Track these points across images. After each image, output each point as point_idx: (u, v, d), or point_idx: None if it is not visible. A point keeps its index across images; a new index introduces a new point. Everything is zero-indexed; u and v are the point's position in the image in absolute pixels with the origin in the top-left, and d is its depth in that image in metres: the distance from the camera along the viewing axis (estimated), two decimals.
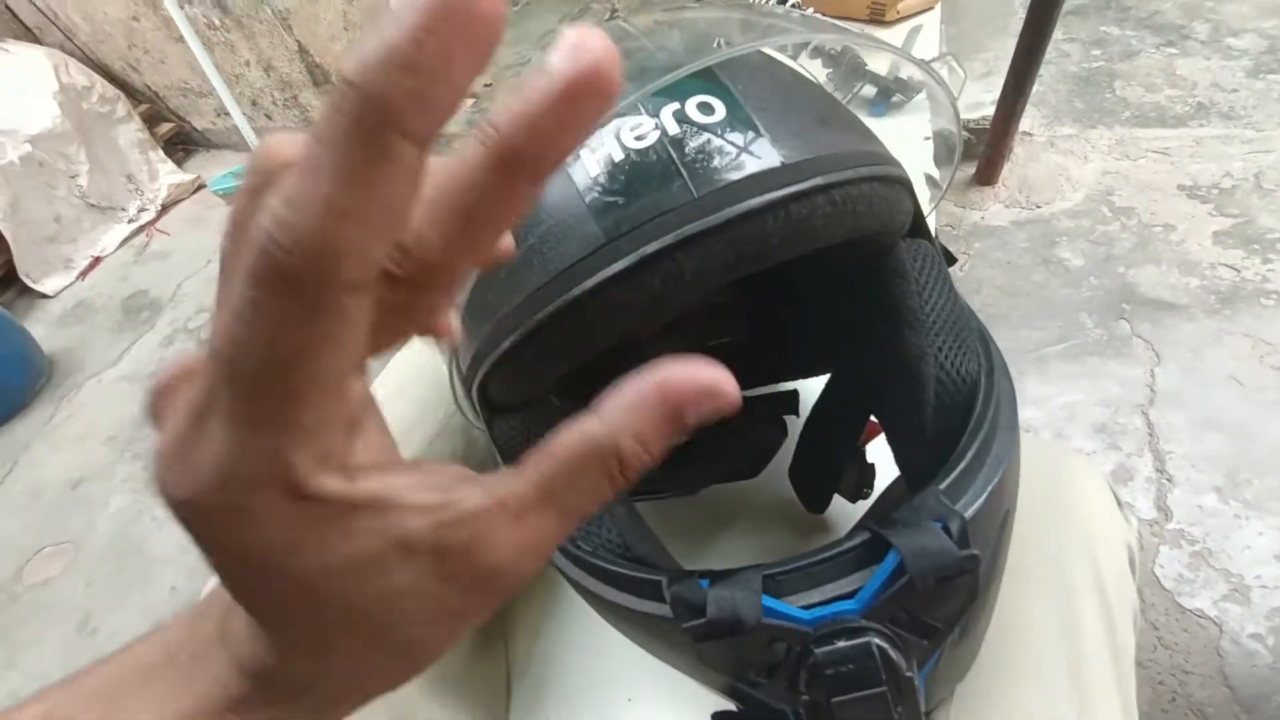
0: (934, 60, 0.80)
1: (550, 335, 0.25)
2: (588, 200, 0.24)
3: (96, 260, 1.94)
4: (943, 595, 0.21)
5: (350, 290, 0.09)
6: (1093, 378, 1.03)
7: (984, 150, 1.34)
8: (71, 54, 2.02)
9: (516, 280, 0.25)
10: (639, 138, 0.24)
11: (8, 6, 2.02)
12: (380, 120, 0.09)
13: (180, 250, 1.91)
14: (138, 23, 1.91)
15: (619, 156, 0.24)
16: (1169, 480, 0.90)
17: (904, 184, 0.28)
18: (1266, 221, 1.17)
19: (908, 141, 0.73)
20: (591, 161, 0.25)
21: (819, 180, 0.24)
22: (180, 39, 1.72)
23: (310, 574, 0.11)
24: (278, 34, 1.78)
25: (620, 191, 0.24)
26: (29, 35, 2.08)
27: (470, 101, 2.02)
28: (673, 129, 0.24)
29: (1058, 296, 1.15)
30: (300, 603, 0.12)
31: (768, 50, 0.33)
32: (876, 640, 0.21)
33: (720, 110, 0.25)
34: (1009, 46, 1.23)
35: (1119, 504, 0.37)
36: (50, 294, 1.83)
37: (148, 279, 1.84)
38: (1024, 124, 1.33)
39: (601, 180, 0.24)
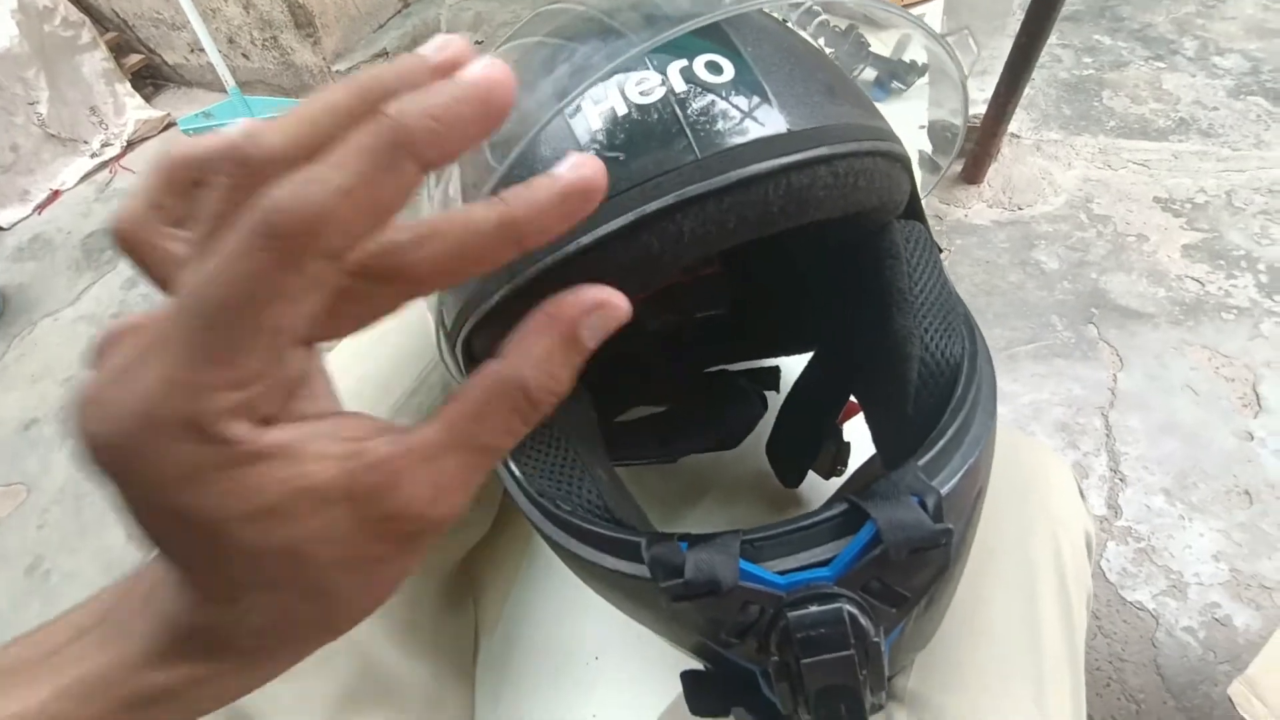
0: (949, 35, 0.80)
1: (541, 292, 0.24)
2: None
3: (55, 194, 1.84)
4: (915, 566, 0.22)
5: (324, 257, 0.11)
6: (1059, 378, 1.06)
7: (972, 148, 1.36)
8: None
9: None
10: (644, 93, 0.24)
11: None
12: (401, 146, 0.11)
13: None
14: None
15: (622, 111, 0.24)
16: (1121, 480, 0.94)
17: (904, 163, 0.28)
18: (1234, 238, 1.21)
19: (905, 127, 0.73)
20: (594, 114, 0.24)
21: (823, 150, 0.23)
22: None
23: (215, 518, 0.11)
24: None
25: (622, 147, 0.23)
26: None
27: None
28: (679, 86, 0.24)
29: (1031, 297, 1.18)
30: (208, 548, 0.12)
31: (779, 16, 0.33)
32: (848, 606, 0.21)
33: (729, 71, 0.24)
34: (1005, 47, 1.24)
35: (1081, 494, 0.38)
36: (4, 226, 1.74)
37: (109, 217, 1.76)
38: (1013, 125, 1.34)
39: (603, 134, 0.24)
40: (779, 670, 0.22)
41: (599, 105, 0.24)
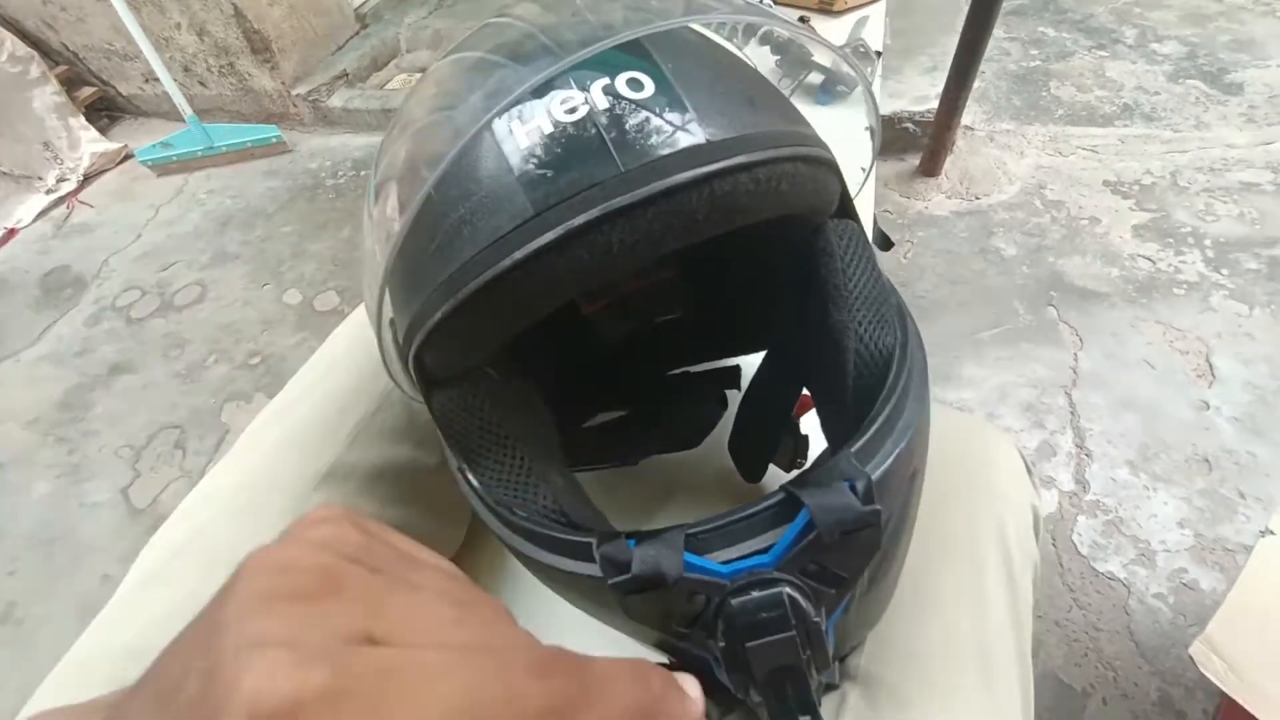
0: (849, 47, 0.82)
1: (481, 306, 0.25)
2: (517, 173, 0.24)
3: (11, 232, 1.80)
4: (849, 548, 0.23)
5: None
6: (1023, 361, 1.09)
7: (928, 142, 1.39)
8: None
9: (448, 252, 0.25)
10: (569, 110, 0.24)
11: None
12: None
13: (105, 224, 1.80)
14: None
15: (548, 129, 0.25)
16: (1087, 455, 0.97)
17: (829, 165, 0.29)
18: (1180, 217, 1.26)
19: (850, 130, 0.75)
20: (522, 133, 0.25)
21: (742, 159, 0.24)
22: None
23: None
24: None
25: (549, 165, 0.24)
26: None
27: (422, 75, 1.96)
28: (601, 103, 0.25)
29: (993, 284, 1.21)
30: None
31: (705, 31, 0.34)
32: (787, 590, 0.22)
33: (649, 87, 0.25)
34: (955, 42, 1.28)
35: (1028, 470, 0.40)
36: None
37: (70, 253, 1.72)
38: (966, 118, 1.38)
39: (532, 153, 0.25)
40: (727, 656, 0.23)
41: (527, 124, 0.25)
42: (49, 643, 0.99)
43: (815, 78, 0.80)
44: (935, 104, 1.36)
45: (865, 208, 0.66)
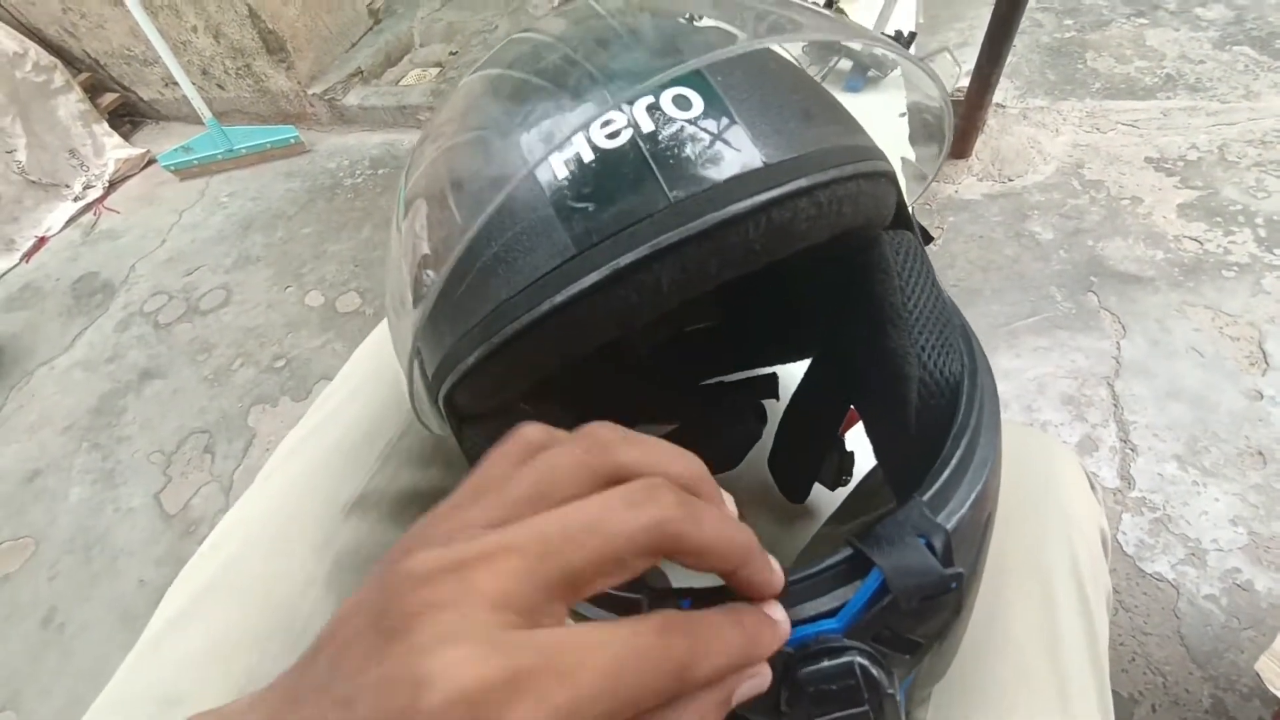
0: (929, 58, 0.78)
1: (518, 350, 0.24)
2: (555, 206, 0.22)
3: (41, 241, 1.84)
4: (926, 612, 0.21)
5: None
6: (1061, 350, 1.05)
7: (958, 122, 1.34)
8: (0, 19, 1.89)
9: (483, 290, 0.23)
10: (611, 135, 0.22)
11: None
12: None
13: (131, 229, 1.83)
14: None
15: (588, 157, 0.22)
16: (1132, 450, 0.93)
17: (890, 178, 0.27)
18: (1229, 194, 1.19)
19: (883, 118, 0.72)
20: (559, 163, 0.22)
21: (803, 182, 0.22)
22: (119, 2, 1.61)
23: None
24: None
25: (590, 196, 0.22)
26: None
27: (437, 69, 1.95)
28: (646, 125, 0.22)
29: (1029, 270, 1.17)
30: None
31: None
32: (859, 659, 0.20)
33: (698, 104, 0.23)
34: (985, 16, 1.22)
35: (1092, 487, 0.37)
36: None
37: (98, 260, 1.75)
38: (997, 95, 1.32)
39: (570, 184, 0.22)
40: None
41: (564, 152, 0.23)
42: (90, 647, 1.01)
43: (844, 64, 0.77)
44: (965, 82, 1.30)
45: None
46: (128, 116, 2.22)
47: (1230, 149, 1.26)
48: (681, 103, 0.23)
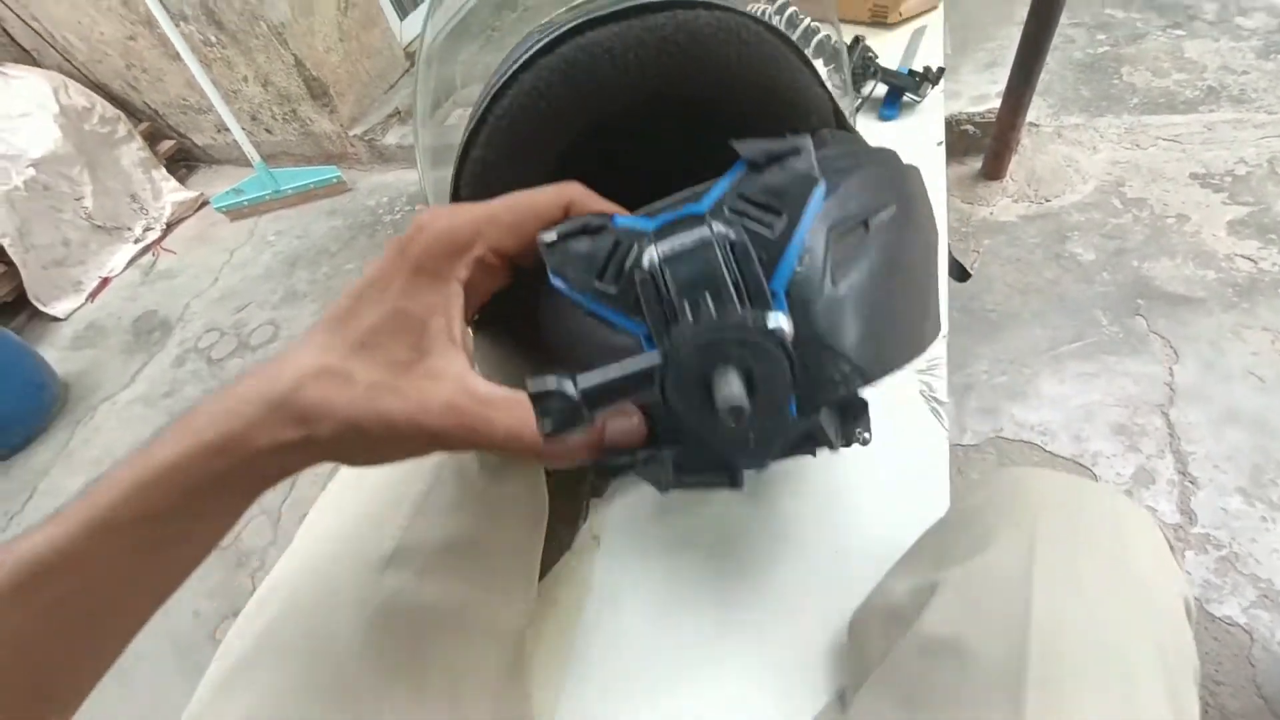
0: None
1: (496, 124, 0.30)
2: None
3: (105, 281, 1.95)
4: (784, 185, 0.23)
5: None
6: (1109, 377, 1.02)
7: (990, 144, 1.32)
8: (70, 75, 2.03)
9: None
10: None
11: (3, 29, 2.02)
12: None
13: (186, 269, 1.92)
14: (134, 42, 1.91)
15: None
16: (1192, 483, 0.89)
17: (802, 59, 0.32)
18: None
19: (920, 145, 0.71)
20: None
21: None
22: (177, 57, 1.71)
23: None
24: (274, 49, 1.78)
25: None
26: (27, 58, 2.08)
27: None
28: None
29: (1070, 293, 1.14)
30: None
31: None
32: (713, 223, 0.22)
33: None
34: (1013, 35, 1.21)
35: (1170, 548, 0.34)
36: (61, 317, 1.84)
37: (156, 299, 1.84)
38: (1030, 114, 1.31)
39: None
40: (645, 290, 0.22)
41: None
42: (147, 677, 1.05)
43: (879, 90, 0.77)
44: (996, 103, 1.29)
45: (939, 235, 0.63)
46: (183, 161, 2.34)
47: (1279, 164, 1.22)
48: None
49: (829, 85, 0.34)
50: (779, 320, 0.19)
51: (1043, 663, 0.26)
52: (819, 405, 0.24)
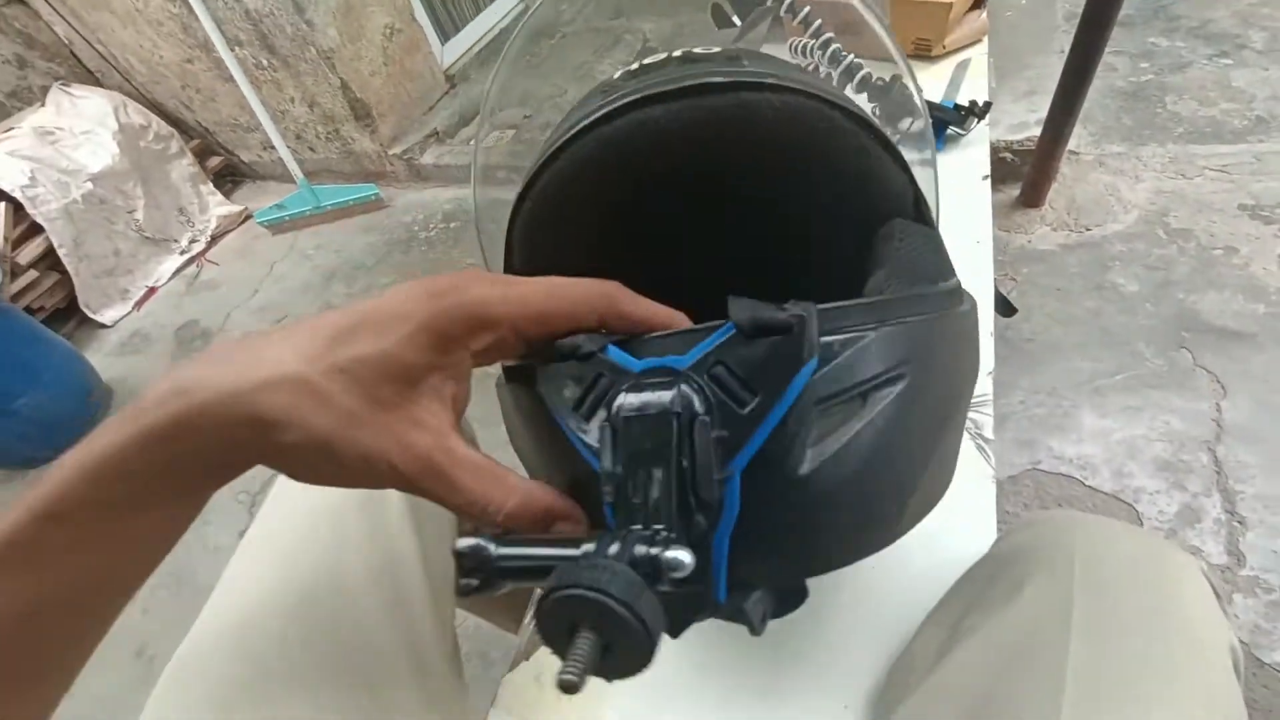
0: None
1: (550, 184, 0.31)
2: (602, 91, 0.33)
3: (151, 291, 2.02)
4: (766, 364, 0.21)
5: None
6: (1153, 411, 0.98)
7: (1029, 172, 1.31)
8: (130, 95, 2.13)
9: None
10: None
11: (73, 53, 2.13)
12: None
13: (228, 280, 1.98)
14: (191, 65, 2.00)
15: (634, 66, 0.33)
16: (1240, 523, 0.85)
17: (878, 136, 0.30)
18: None
19: (965, 180, 0.71)
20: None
21: (771, 80, 0.28)
22: (230, 79, 1.79)
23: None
24: (321, 72, 1.84)
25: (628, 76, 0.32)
26: (91, 79, 2.19)
27: (513, 131, 2.06)
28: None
29: (1113, 324, 1.11)
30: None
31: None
32: (684, 385, 0.21)
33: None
34: (1052, 63, 1.21)
35: (1217, 597, 0.33)
36: (108, 324, 1.91)
37: (199, 309, 1.91)
38: (1070, 142, 1.29)
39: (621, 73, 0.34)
40: (605, 436, 0.22)
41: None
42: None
43: (917, 125, 0.77)
44: (1035, 131, 1.28)
45: (984, 269, 0.62)
46: (229, 177, 2.43)
47: None
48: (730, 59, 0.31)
49: (912, 168, 0.33)
50: (679, 558, 0.18)
51: (1078, 714, 0.25)
52: (750, 589, 0.23)
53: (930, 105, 0.77)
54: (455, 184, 2.03)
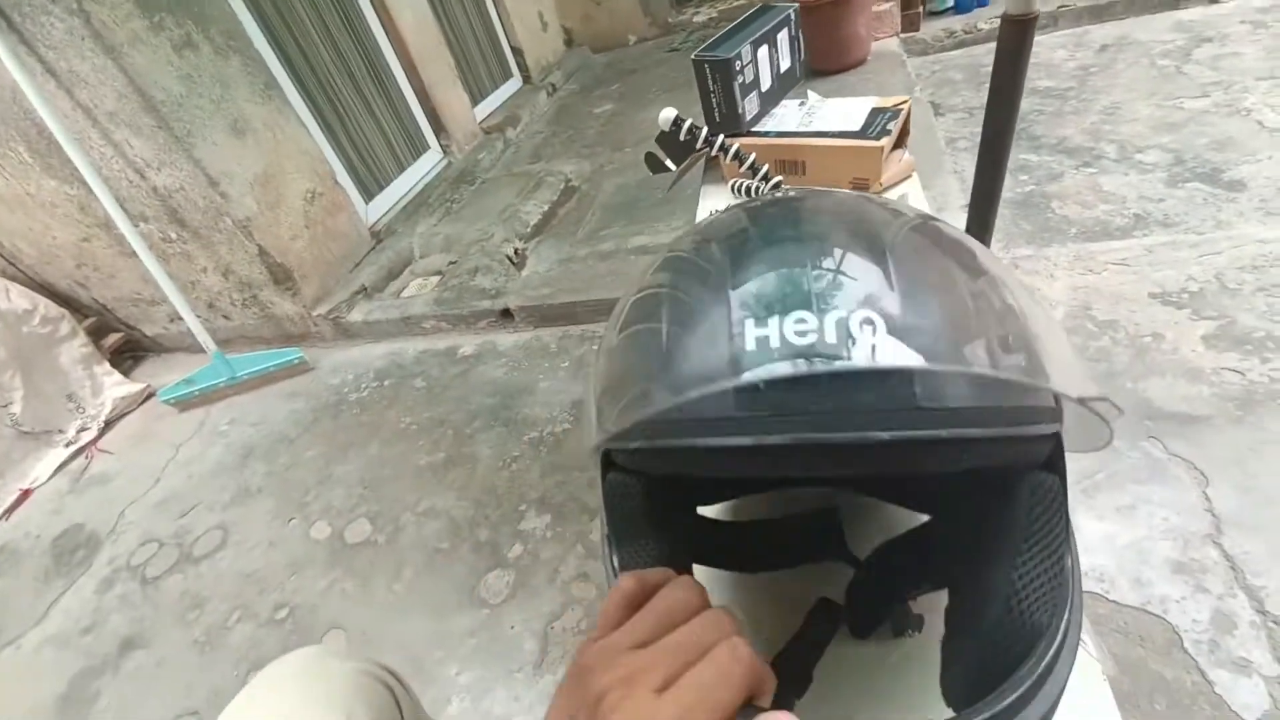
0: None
1: (659, 458, 0.31)
2: (733, 364, 0.26)
3: (25, 494, 1.74)
4: None
5: None
6: (1147, 508, 0.96)
7: None
8: (14, 279, 1.96)
9: (661, 373, 0.29)
10: (800, 333, 0.26)
11: None
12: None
13: (124, 471, 1.74)
14: (88, 243, 1.88)
15: (776, 344, 0.26)
16: (1276, 623, 0.81)
17: (1051, 437, 0.30)
18: (1248, 321, 1.19)
19: None
20: (752, 333, 0.26)
21: (943, 434, 0.25)
22: (133, 254, 1.68)
23: None
24: (237, 241, 1.77)
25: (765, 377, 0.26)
26: None
27: (437, 277, 2.02)
28: (830, 337, 0.26)
29: None
30: None
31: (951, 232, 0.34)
32: None
33: (880, 330, 0.25)
34: (950, 183, 1.31)
35: None
36: None
37: (85, 510, 1.64)
38: None
39: (756, 352, 0.26)
40: None
41: (760, 329, 0.26)
42: None
43: None
44: None
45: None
46: (130, 353, 2.23)
47: (1227, 277, 1.30)
48: (867, 324, 0.25)
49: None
50: None
51: None
52: None
53: None
54: (387, 338, 1.94)
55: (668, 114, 0.81)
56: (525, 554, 1.19)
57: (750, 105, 0.87)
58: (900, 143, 0.94)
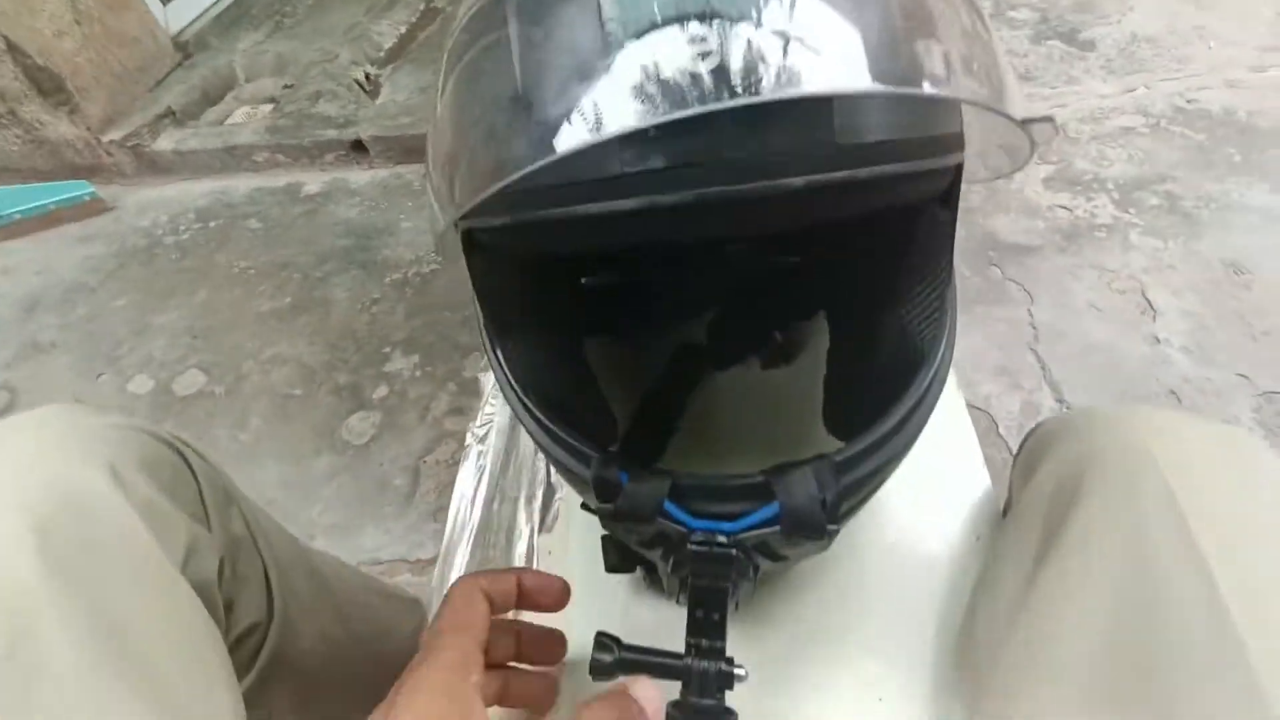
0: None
1: (527, 233, 0.27)
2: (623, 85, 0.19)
3: None
4: (799, 543, 0.27)
5: None
6: (983, 323, 1.07)
7: None
8: None
9: (513, 125, 0.21)
10: (701, 53, 0.19)
11: None
12: None
13: None
14: None
15: (668, 74, 0.19)
16: (1068, 409, 0.95)
17: (955, 169, 0.29)
18: (1081, 165, 1.31)
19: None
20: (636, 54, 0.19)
21: (863, 173, 0.23)
22: None
23: None
24: None
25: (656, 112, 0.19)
26: None
27: (271, 105, 1.71)
28: (736, 63, 0.19)
29: None
30: None
31: None
32: (735, 552, 0.26)
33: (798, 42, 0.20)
34: None
35: None
36: None
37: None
38: None
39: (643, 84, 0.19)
40: (672, 573, 0.29)
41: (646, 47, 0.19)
42: None
43: None
44: None
45: None
46: None
47: (1069, 127, 1.40)
48: (780, 37, 0.19)
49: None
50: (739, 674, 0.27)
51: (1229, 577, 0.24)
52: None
53: None
54: (209, 174, 1.63)
55: None
56: (392, 394, 1.11)
57: None
58: None
